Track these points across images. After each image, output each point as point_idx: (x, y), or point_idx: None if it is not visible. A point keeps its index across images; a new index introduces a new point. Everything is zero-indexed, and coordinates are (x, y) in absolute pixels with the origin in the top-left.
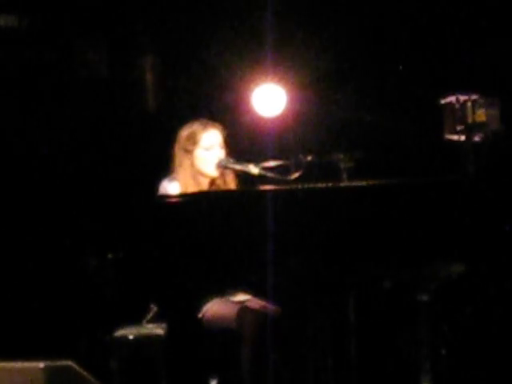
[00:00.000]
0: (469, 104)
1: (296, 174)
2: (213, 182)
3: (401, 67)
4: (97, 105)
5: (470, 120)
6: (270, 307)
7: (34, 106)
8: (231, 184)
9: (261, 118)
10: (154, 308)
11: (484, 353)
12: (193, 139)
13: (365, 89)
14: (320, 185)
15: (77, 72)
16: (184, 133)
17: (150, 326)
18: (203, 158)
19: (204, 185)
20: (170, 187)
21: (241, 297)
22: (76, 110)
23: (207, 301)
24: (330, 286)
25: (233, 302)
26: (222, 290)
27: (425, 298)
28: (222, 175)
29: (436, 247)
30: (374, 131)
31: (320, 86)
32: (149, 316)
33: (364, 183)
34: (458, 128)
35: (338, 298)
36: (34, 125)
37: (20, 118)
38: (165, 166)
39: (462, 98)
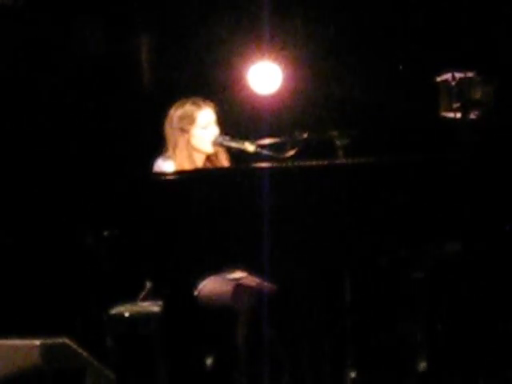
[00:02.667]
0: (465, 82)
1: (292, 152)
2: (207, 159)
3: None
4: (93, 82)
5: (465, 97)
6: (266, 285)
7: (29, 83)
8: (224, 161)
9: (257, 96)
10: (148, 285)
11: (480, 329)
12: (189, 118)
13: (361, 66)
14: (316, 162)
15: (73, 49)
16: (177, 112)
17: (146, 303)
18: (200, 137)
19: (199, 163)
20: (165, 166)
21: (237, 274)
22: (72, 87)
23: (203, 278)
24: (325, 263)
25: (228, 280)
26: (218, 268)
27: (421, 275)
28: (216, 153)
29: (432, 225)
30: (370, 108)
31: (316, 64)
32: (143, 293)
33: (360, 160)
34: (454, 105)
35: (334, 275)
36: (29, 102)
37: (15, 95)
38: (160, 144)
39: (458, 75)
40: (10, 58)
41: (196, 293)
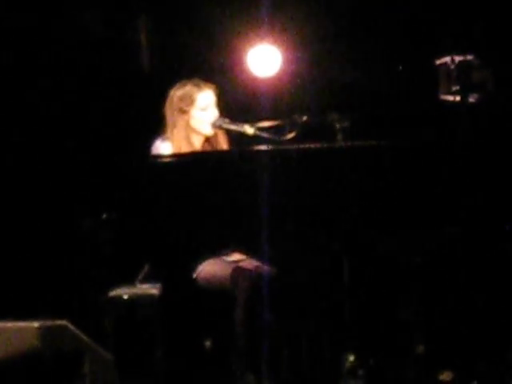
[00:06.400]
0: (464, 65)
1: (291, 135)
2: (206, 141)
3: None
4: (91, 65)
5: (465, 81)
6: (264, 268)
7: (27, 66)
8: (223, 144)
9: (256, 79)
10: (147, 267)
11: (478, 313)
12: (188, 99)
13: (360, 49)
14: (315, 145)
15: (71, 32)
16: (178, 93)
17: (145, 285)
18: (199, 118)
19: (197, 145)
20: (162, 147)
21: (235, 257)
22: (71, 70)
23: (202, 261)
24: (324, 246)
25: (227, 262)
26: (217, 250)
27: (419, 260)
28: (215, 135)
29: (430, 210)
30: (369, 91)
31: (315, 47)
32: (140, 275)
33: (359, 144)
34: (453, 89)
35: (333, 259)
36: (27, 86)
37: (14, 78)
38: (158, 126)
39: (458, 58)
40: (9, 42)
41: (195, 275)
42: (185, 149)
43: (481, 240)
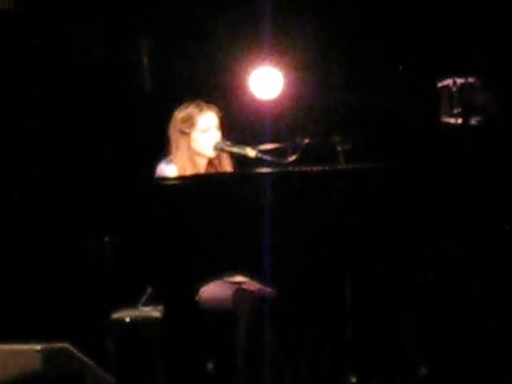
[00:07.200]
0: (466, 87)
1: (293, 157)
2: (209, 163)
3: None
4: (93, 87)
5: (466, 103)
6: (267, 289)
7: (29, 89)
8: (227, 166)
9: (258, 101)
10: (148, 290)
11: (482, 334)
12: (189, 121)
13: (362, 72)
14: (317, 167)
15: (73, 55)
16: (179, 115)
17: (147, 308)
18: (200, 140)
19: (201, 166)
20: (168, 170)
21: (238, 279)
22: (72, 92)
23: (204, 283)
24: (326, 267)
25: (229, 284)
26: (219, 273)
27: (421, 279)
28: (219, 157)
29: (432, 228)
30: (371, 114)
31: (317, 69)
32: (143, 298)
33: (361, 166)
34: (455, 111)
35: (335, 280)
36: (30, 108)
37: (16, 100)
38: (161, 148)
39: (459, 80)
40: (11, 64)
41: (197, 297)
42: (190, 171)
43: (484, 258)
